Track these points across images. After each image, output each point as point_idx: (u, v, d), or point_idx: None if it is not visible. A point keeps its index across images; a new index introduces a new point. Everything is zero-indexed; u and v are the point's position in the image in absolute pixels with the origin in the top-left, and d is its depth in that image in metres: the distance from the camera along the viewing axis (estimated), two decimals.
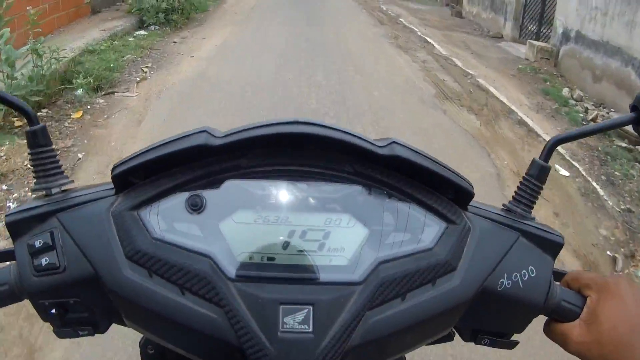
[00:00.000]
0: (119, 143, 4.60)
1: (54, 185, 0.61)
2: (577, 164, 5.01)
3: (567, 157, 5.12)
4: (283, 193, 0.58)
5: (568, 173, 4.85)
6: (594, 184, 4.67)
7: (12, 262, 0.58)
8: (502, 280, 0.61)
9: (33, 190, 0.62)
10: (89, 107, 5.39)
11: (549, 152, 0.67)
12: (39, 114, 4.98)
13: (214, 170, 0.57)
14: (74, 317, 0.58)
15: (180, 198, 0.56)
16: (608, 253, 3.65)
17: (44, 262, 0.55)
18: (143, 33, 8.96)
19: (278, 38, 8.85)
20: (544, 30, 9.92)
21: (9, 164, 3.96)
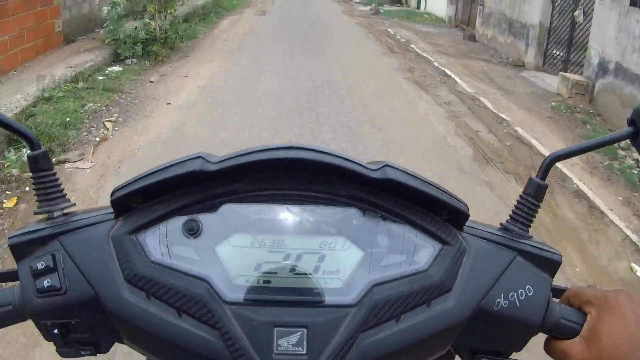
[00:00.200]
0: None
1: (56, 209, 0.63)
2: None
3: None
4: (278, 217, 0.58)
5: None
6: None
7: (15, 282, 0.60)
8: (498, 300, 0.61)
9: (35, 213, 0.64)
10: (28, 187, 4.05)
11: (546, 170, 0.67)
12: None
13: (210, 195, 0.58)
14: (76, 337, 0.60)
15: (178, 222, 0.57)
16: None
17: (46, 284, 0.56)
18: (116, 69, 7.66)
19: (274, 76, 7.55)
20: (574, 58, 8.64)
21: None
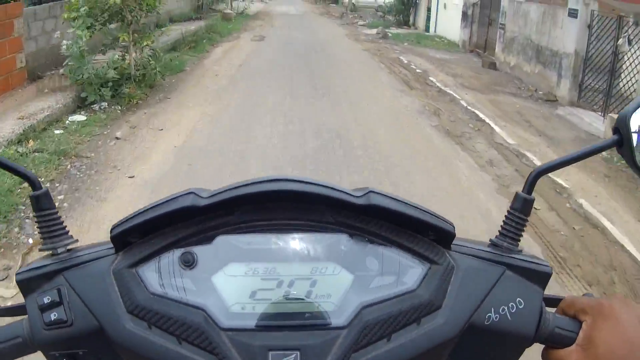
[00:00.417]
0: None
1: (60, 245, 0.65)
2: None
3: None
4: (270, 246, 0.61)
5: None
6: None
7: (24, 316, 0.62)
8: (489, 315, 0.62)
9: (40, 250, 0.66)
10: None
11: (532, 184, 0.68)
12: None
13: (204, 228, 0.60)
14: None
15: (174, 255, 0.60)
16: None
17: (53, 317, 0.59)
18: (79, 119, 6.20)
19: (272, 130, 6.04)
20: (617, 92, 7.27)
21: None
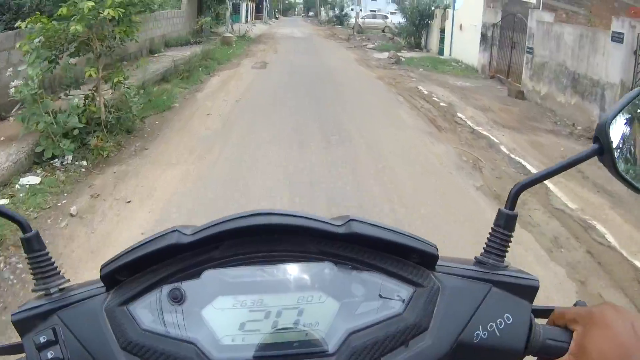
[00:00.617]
0: None
1: (52, 286, 0.66)
2: None
3: None
4: (257, 278, 0.62)
5: None
6: None
7: (22, 354, 0.62)
8: (477, 332, 0.62)
9: (33, 291, 0.67)
10: None
11: (514, 200, 0.68)
12: None
13: (191, 264, 0.61)
14: None
15: (163, 291, 0.61)
16: None
17: (50, 355, 0.59)
18: (32, 181, 4.85)
19: (275, 198, 4.62)
20: None
21: None
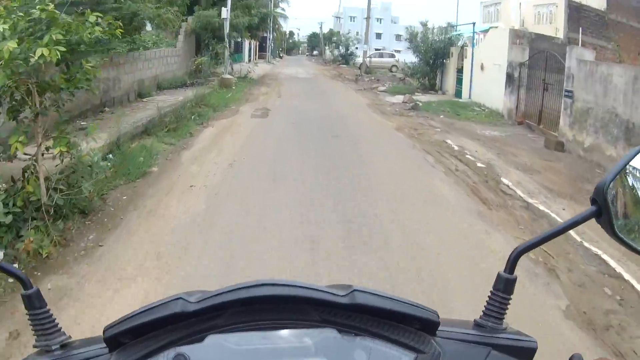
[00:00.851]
0: None
1: (54, 343, 0.69)
2: None
3: None
4: (260, 343, 0.62)
5: None
6: None
7: None
8: None
9: (34, 347, 0.69)
10: None
11: (513, 264, 0.71)
12: None
13: (195, 330, 0.63)
14: None
15: (167, 356, 0.61)
16: None
17: None
18: None
19: None
20: None
21: None
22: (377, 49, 42.21)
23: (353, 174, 6.50)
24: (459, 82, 17.25)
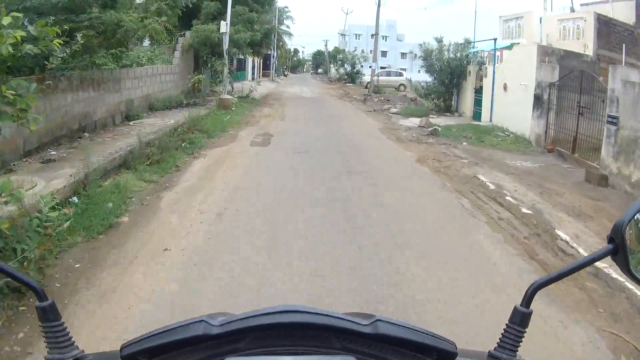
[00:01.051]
0: None
1: (67, 356, 0.68)
2: None
3: None
4: None
5: None
6: None
7: None
8: None
9: (46, 358, 0.68)
10: None
11: (530, 298, 0.73)
12: None
13: (214, 353, 0.62)
14: None
15: None
16: None
17: None
18: None
19: None
20: None
21: None
22: (382, 67, 41.09)
23: (377, 232, 5.07)
24: (477, 103, 15.95)
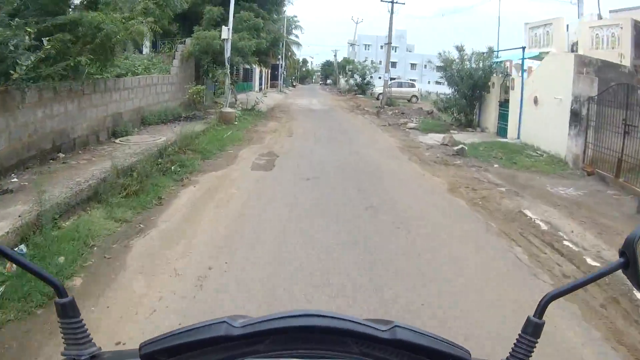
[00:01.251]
0: None
1: (83, 354, 0.68)
2: None
3: None
4: None
5: None
6: None
7: None
8: None
9: (62, 354, 0.68)
10: None
11: (543, 309, 0.71)
12: None
13: (234, 354, 0.62)
14: None
15: None
16: None
17: None
18: None
19: None
20: None
21: None
22: (392, 78, 39.84)
23: (420, 311, 3.71)
24: (502, 117, 14.59)
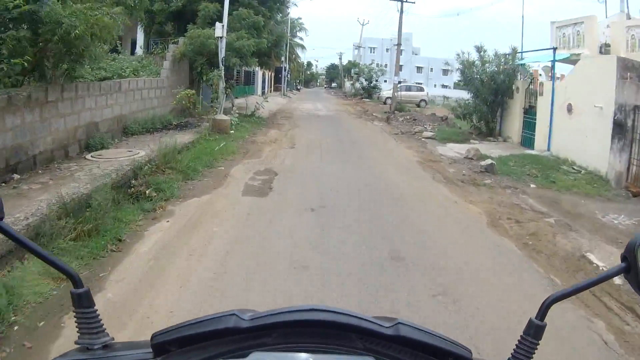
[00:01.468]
0: None
1: (96, 342, 0.70)
2: None
3: None
4: None
5: None
6: None
7: None
8: None
9: (76, 343, 0.69)
10: None
11: (545, 311, 0.72)
12: None
13: (242, 346, 0.64)
14: None
15: None
16: None
17: None
18: None
19: None
20: None
21: None
22: (400, 82, 38.42)
23: None
24: (528, 126, 13.17)
